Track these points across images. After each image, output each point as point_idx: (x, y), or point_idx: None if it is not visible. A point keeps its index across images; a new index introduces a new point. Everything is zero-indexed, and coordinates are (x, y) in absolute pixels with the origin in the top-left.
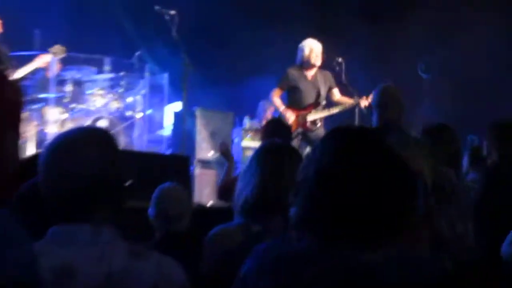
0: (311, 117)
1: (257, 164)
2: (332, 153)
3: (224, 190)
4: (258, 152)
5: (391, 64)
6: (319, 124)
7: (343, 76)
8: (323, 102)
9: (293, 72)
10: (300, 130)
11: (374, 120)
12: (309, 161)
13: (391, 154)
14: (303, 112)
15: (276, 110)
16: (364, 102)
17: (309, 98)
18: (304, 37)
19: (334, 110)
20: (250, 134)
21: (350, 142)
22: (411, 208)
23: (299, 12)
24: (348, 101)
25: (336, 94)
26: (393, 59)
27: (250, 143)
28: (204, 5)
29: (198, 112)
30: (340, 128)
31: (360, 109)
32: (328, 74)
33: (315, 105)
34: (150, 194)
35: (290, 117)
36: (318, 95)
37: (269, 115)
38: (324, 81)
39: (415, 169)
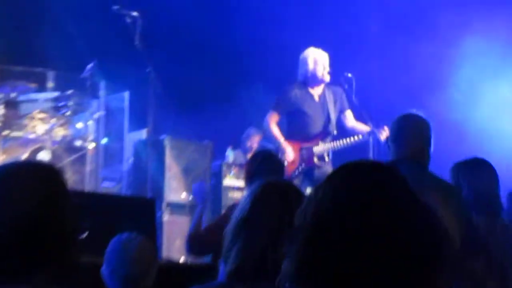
0: (318, 150)
1: (256, 212)
2: (336, 195)
3: (195, 241)
4: (257, 195)
5: (417, 81)
6: (327, 159)
7: (353, 96)
8: (334, 131)
9: (295, 91)
10: (303, 167)
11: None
12: (309, 203)
13: (410, 200)
14: (308, 145)
15: (268, 139)
16: (383, 134)
17: (317, 125)
18: (299, 46)
19: (347, 141)
20: (233, 171)
21: (360, 182)
22: (430, 269)
23: (291, 16)
24: (364, 128)
25: (350, 118)
26: (420, 76)
27: (234, 181)
28: (175, 4)
29: (167, 142)
30: (351, 165)
31: (376, 140)
32: (339, 91)
33: (324, 134)
34: (105, 247)
35: (290, 153)
36: (328, 120)
37: (254, 144)
38: (334, 102)
39: (441, 219)
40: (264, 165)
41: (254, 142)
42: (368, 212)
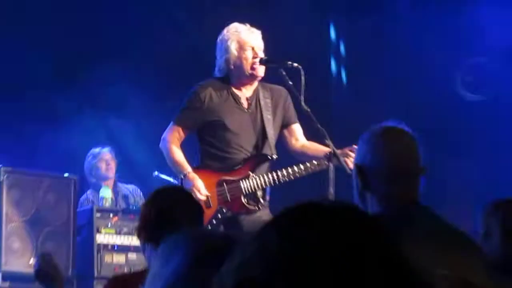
0: (248, 186)
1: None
2: (272, 258)
3: None
4: (196, 259)
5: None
6: (262, 201)
7: (302, 98)
8: (274, 155)
9: (209, 93)
10: (223, 213)
11: (371, 198)
12: (228, 270)
13: (402, 268)
14: (231, 176)
15: (165, 169)
16: (349, 159)
17: (245, 146)
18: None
19: (295, 172)
20: (113, 220)
21: (315, 240)
22: None
23: None
24: (321, 150)
25: (298, 135)
26: (415, 66)
27: (115, 238)
28: None
29: (3, 176)
30: (300, 209)
31: (339, 169)
32: (282, 93)
33: (257, 161)
34: None
35: (202, 190)
36: (263, 138)
37: (110, 174)
38: (273, 109)
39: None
40: (175, 212)
41: (110, 170)
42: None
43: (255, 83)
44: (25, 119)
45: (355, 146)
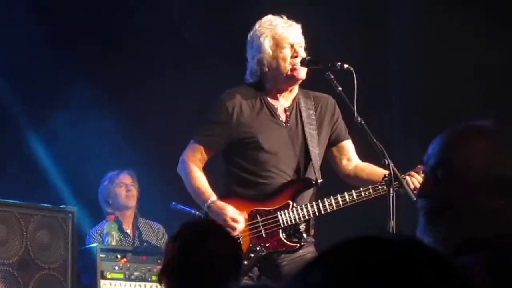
0: (288, 218)
1: None
2: None
3: None
4: None
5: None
6: (305, 236)
7: (355, 107)
8: (319, 179)
9: (240, 101)
10: (258, 249)
11: (442, 226)
12: None
13: None
14: (266, 208)
15: (185, 198)
16: (413, 181)
17: (283, 169)
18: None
19: (347, 200)
20: (121, 262)
21: (376, 281)
22: None
23: None
24: (378, 173)
25: (351, 154)
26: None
27: (128, 286)
28: None
29: None
30: (353, 244)
31: (403, 195)
32: (329, 102)
33: (299, 187)
34: None
35: (235, 215)
36: (306, 159)
37: (130, 203)
38: (319, 122)
39: None
40: (207, 254)
41: (131, 197)
42: None
43: (295, 90)
44: (17, 136)
45: (420, 167)
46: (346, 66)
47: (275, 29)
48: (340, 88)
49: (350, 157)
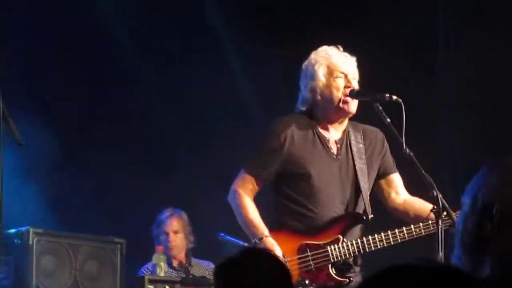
0: (337, 252)
1: None
2: None
3: None
4: None
5: None
6: (355, 268)
7: (403, 139)
8: (370, 214)
9: (293, 131)
10: (307, 283)
11: (493, 253)
12: None
13: None
14: (316, 241)
15: (234, 229)
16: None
17: (334, 203)
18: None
19: (396, 237)
20: None
21: None
22: None
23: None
24: (426, 208)
25: (399, 188)
26: None
27: None
28: None
29: (33, 239)
30: (394, 271)
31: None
32: (378, 136)
33: (350, 221)
34: None
35: (282, 257)
36: (356, 193)
37: (177, 240)
38: (368, 156)
39: None
40: (261, 283)
41: (176, 238)
42: None
43: (345, 122)
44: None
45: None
46: (394, 97)
47: (330, 58)
48: (388, 120)
49: (398, 191)
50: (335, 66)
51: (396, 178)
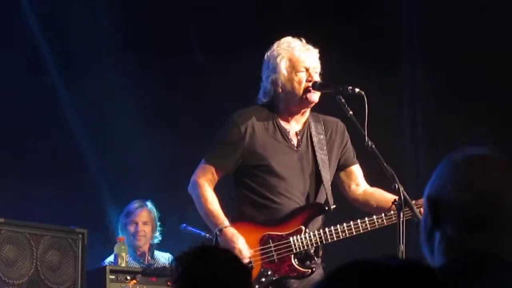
0: (300, 243)
1: None
2: None
3: None
4: None
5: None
6: (317, 259)
7: (365, 131)
8: (332, 205)
9: (253, 122)
10: (269, 273)
11: (440, 243)
12: None
13: None
14: (278, 232)
15: (195, 220)
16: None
17: (295, 194)
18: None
19: (358, 227)
20: (130, 285)
21: None
22: None
23: None
24: (388, 199)
25: (360, 179)
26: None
27: None
28: None
29: None
30: (357, 267)
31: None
32: (339, 127)
33: (312, 212)
34: None
35: (244, 249)
36: (317, 184)
37: (143, 231)
38: (329, 147)
39: None
40: (211, 278)
41: (144, 229)
42: None
43: (306, 114)
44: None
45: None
46: (357, 90)
47: (293, 51)
48: (351, 112)
49: (358, 182)
50: (297, 60)
51: (356, 170)
